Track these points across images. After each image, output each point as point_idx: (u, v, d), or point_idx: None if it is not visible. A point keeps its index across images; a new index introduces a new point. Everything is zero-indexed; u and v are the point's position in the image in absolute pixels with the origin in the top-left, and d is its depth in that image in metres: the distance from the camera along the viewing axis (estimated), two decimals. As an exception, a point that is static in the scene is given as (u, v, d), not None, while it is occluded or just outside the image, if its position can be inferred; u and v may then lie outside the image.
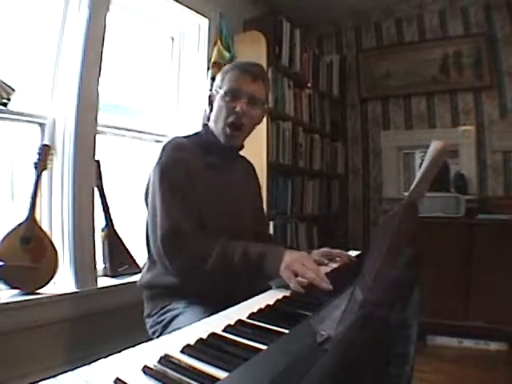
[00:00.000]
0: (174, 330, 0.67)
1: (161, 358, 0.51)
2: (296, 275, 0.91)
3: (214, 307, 0.79)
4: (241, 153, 1.33)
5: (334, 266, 1.21)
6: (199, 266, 1.01)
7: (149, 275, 1.19)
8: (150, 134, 2.24)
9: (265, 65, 2.30)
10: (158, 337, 1.10)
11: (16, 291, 1.56)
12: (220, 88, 1.21)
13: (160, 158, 1.13)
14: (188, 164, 1.13)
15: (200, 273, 1.02)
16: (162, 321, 1.13)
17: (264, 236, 1.42)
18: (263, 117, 1.30)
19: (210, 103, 1.26)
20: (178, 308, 1.10)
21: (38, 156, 1.61)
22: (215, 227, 1.13)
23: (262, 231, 1.42)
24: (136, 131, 2.16)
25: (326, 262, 1.23)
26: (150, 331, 1.18)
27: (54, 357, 1.59)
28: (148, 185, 1.18)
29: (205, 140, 1.24)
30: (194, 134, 1.28)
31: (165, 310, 1.13)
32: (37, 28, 1.73)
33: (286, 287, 0.92)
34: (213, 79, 2.24)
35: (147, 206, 1.18)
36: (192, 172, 1.12)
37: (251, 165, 1.45)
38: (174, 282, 1.11)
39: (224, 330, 0.63)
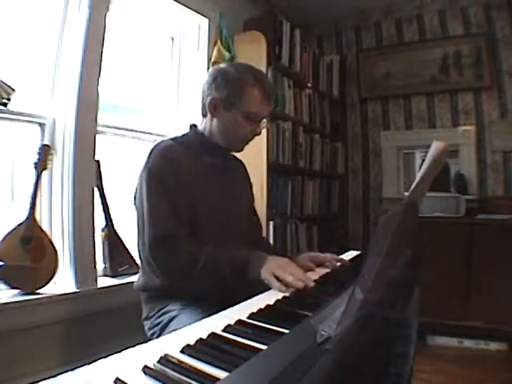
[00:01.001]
0: (172, 331, 0.67)
1: (161, 358, 0.51)
2: (276, 278, 0.93)
3: (211, 308, 0.79)
4: (241, 152, 1.32)
5: (323, 271, 1.16)
6: (187, 273, 1.04)
7: (144, 278, 1.19)
8: (150, 133, 2.23)
9: (265, 65, 2.30)
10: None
11: (16, 291, 1.55)
12: (233, 101, 1.14)
13: (147, 163, 1.12)
14: (177, 165, 1.11)
15: (188, 279, 1.05)
16: (159, 323, 1.12)
17: (257, 237, 1.42)
18: None
19: (215, 108, 1.17)
20: (175, 310, 1.10)
21: (37, 156, 1.61)
22: (211, 227, 1.14)
23: (255, 231, 1.42)
24: (136, 131, 2.16)
25: (313, 267, 1.20)
26: (149, 333, 1.17)
27: (53, 357, 1.59)
28: (136, 189, 1.17)
29: (195, 141, 1.22)
30: (182, 135, 1.27)
31: (162, 311, 1.13)
32: (37, 28, 1.73)
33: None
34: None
35: (136, 210, 1.17)
36: (182, 173, 1.11)
37: (242, 162, 1.44)
38: (167, 285, 1.11)
39: (224, 330, 0.63)
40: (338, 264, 1.23)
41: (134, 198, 1.19)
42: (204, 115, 1.24)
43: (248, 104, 1.14)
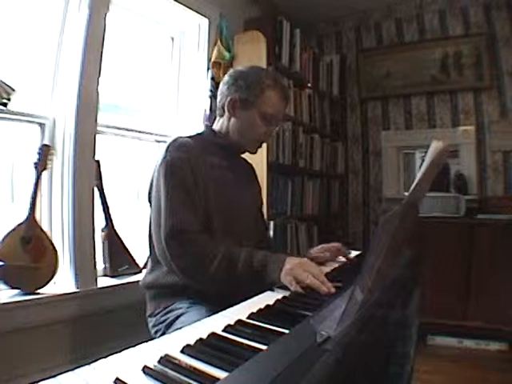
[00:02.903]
0: (177, 330, 0.67)
1: (161, 358, 0.51)
2: (297, 281, 0.92)
3: (217, 307, 0.79)
4: (255, 154, 1.34)
5: (335, 265, 1.22)
6: (203, 267, 1.02)
7: (152, 275, 1.19)
8: (150, 134, 2.23)
9: (265, 65, 2.30)
10: (160, 336, 1.10)
11: (16, 291, 1.55)
12: (252, 102, 1.20)
13: (165, 157, 1.13)
14: (193, 163, 1.13)
15: (203, 274, 1.03)
16: (165, 320, 1.12)
17: (265, 239, 1.43)
18: None
19: (234, 108, 1.22)
20: (181, 308, 1.10)
21: (38, 156, 1.61)
22: (220, 226, 1.14)
23: (262, 233, 1.42)
24: (136, 131, 2.15)
25: (328, 255, 1.28)
26: (153, 330, 1.17)
27: (53, 357, 1.59)
28: (151, 183, 1.18)
29: (210, 140, 1.25)
30: (197, 134, 1.29)
31: (168, 309, 1.13)
32: (37, 28, 1.73)
33: (287, 288, 0.92)
34: (213, 79, 2.24)
35: (150, 204, 1.18)
36: (197, 171, 1.13)
37: (251, 165, 1.47)
38: (177, 282, 1.11)
39: (224, 330, 0.63)
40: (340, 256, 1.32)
41: (149, 193, 1.20)
42: (221, 115, 1.28)
43: (266, 105, 1.20)
